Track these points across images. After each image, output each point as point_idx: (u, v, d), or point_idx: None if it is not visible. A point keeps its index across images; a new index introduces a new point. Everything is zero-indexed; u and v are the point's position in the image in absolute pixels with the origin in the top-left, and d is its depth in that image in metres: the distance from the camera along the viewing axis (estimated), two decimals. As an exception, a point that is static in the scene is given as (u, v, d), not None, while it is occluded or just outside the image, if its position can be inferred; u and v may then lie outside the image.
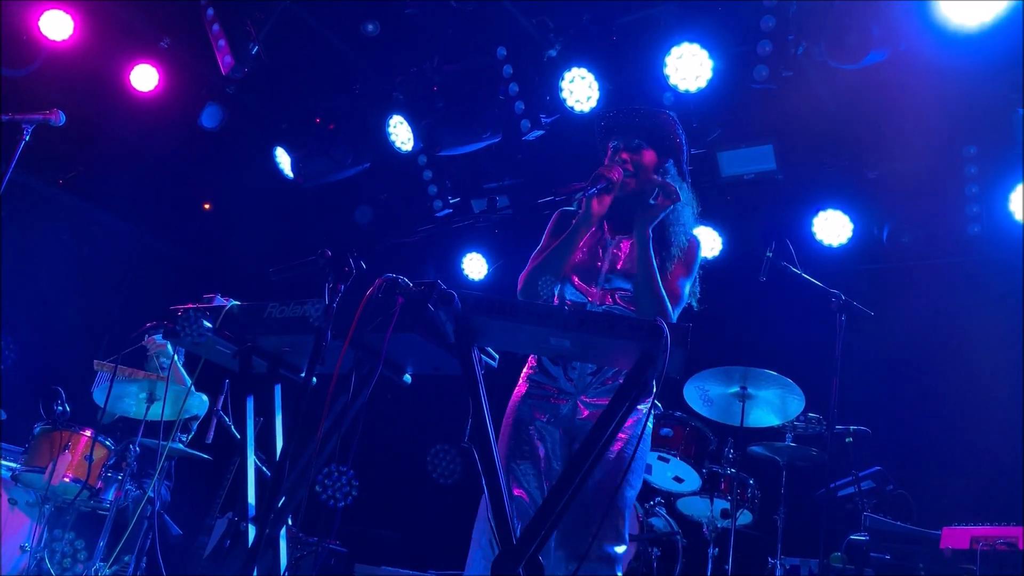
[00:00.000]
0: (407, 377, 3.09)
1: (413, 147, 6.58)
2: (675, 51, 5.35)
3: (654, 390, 2.59)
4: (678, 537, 5.38)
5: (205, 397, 5.26)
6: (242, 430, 3.08)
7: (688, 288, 3.09)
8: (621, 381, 2.56)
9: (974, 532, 3.66)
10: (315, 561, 5.43)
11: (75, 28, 6.17)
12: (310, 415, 2.58)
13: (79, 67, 6.41)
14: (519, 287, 3.05)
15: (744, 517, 5.29)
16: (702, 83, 5.36)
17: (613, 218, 3.12)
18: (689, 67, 5.34)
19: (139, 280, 7.96)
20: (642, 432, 2.85)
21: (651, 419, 3.04)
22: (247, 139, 7.23)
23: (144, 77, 6.61)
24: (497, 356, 2.77)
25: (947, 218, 5.75)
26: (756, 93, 5.46)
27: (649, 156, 3.12)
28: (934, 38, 4.76)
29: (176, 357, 5.27)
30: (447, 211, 7.15)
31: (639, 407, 2.87)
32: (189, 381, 5.35)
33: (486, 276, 7.53)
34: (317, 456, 2.73)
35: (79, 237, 7.67)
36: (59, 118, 3.41)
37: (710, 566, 5.19)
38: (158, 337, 5.21)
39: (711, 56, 5.29)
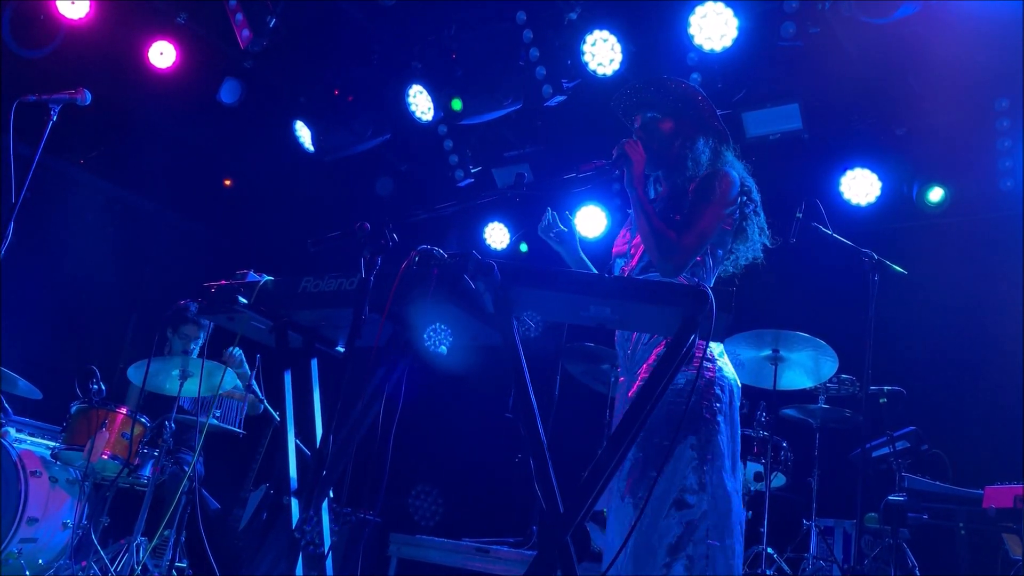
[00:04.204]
0: (443, 348, 3.08)
1: (433, 116, 6.52)
2: (699, 10, 5.24)
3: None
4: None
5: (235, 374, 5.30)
6: (280, 405, 3.09)
7: (708, 218, 2.95)
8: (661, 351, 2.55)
9: (1018, 491, 3.63)
10: (350, 532, 5.47)
11: (91, 6, 6.13)
12: (350, 388, 2.58)
13: (97, 46, 6.39)
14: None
15: (778, 480, 5.28)
16: (727, 42, 5.26)
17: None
18: (714, 26, 5.24)
19: (163, 257, 8.00)
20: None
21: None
22: (266, 113, 7.19)
23: (162, 54, 6.58)
24: (533, 326, 2.76)
25: (979, 173, 5.64)
26: (782, 51, 5.36)
27: (666, 125, 3.15)
28: (967, -12, 4.65)
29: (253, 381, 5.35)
30: (469, 180, 7.10)
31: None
32: (262, 406, 5.44)
33: (508, 245, 7.50)
34: (358, 428, 2.74)
35: (102, 216, 7.70)
36: (85, 97, 3.40)
37: (744, 529, 5.19)
38: (236, 351, 5.31)
39: (736, 14, 5.19)
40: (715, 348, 2.93)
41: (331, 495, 3.02)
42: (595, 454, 2.92)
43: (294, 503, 2.86)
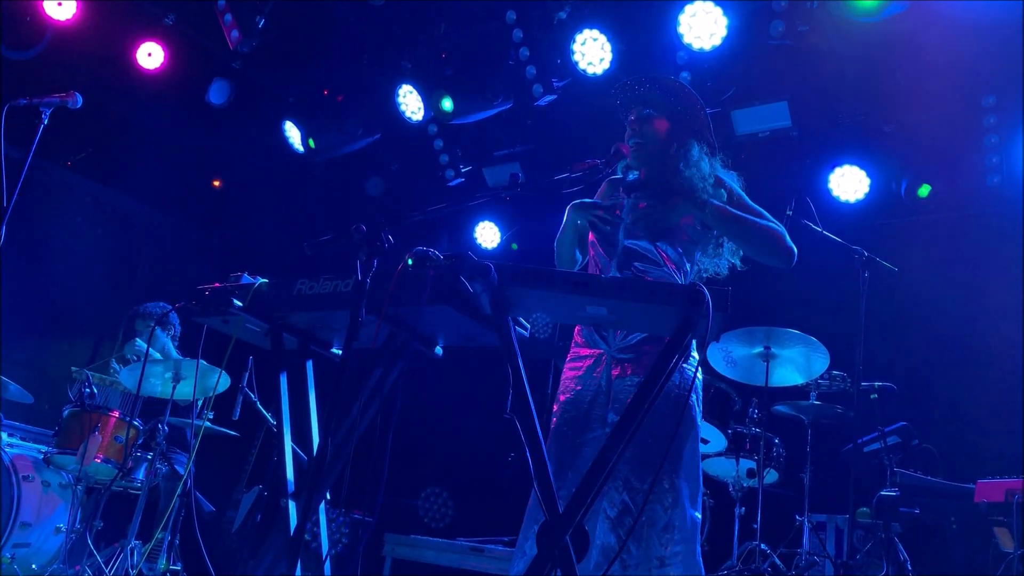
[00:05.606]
0: (438, 349, 3.09)
1: (423, 116, 6.52)
2: (689, 9, 5.27)
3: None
4: (705, 498, 5.41)
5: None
6: (276, 407, 3.09)
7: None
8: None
9: (1009, 485, 3.67)
10: (344, 532, 5.47)
11: (78, 7, 6.10)
12: (347, 390, 2.58)
13: (84, 47, 6.37)
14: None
15: (770, 476, 5.30)
16: (716, 41, 5.29)
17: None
18: (703, 25, 5.27)
19: (153, 259, 7.97)
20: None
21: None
22: (255, 114, 7.18)
23: (150, 55, 6.56)
24: (529, 326, 2.76)
25: (966, 169, 5.68)
26: (771, 49, 5.39)
27: (661, 124, 3.17)
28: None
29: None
30: (459, 180, 7.10)
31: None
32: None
33: (499, 244, 7.51)
34: (356, 430, 2.75)
35: (92, 218, 7.66)
36: (76, 100, 3.39)
37: (737, 525, 5.23)
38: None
39: (725, 13, 5.22)
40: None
41: (327, 497, 3.02)
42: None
43: (291, 505, 2.87)
